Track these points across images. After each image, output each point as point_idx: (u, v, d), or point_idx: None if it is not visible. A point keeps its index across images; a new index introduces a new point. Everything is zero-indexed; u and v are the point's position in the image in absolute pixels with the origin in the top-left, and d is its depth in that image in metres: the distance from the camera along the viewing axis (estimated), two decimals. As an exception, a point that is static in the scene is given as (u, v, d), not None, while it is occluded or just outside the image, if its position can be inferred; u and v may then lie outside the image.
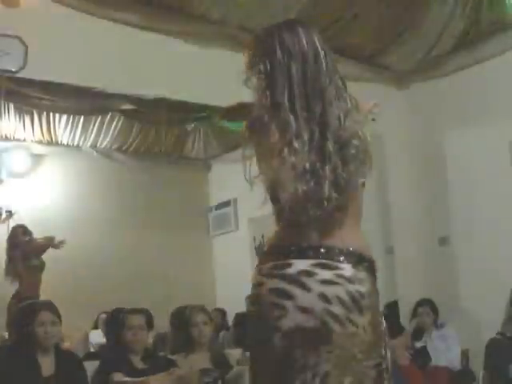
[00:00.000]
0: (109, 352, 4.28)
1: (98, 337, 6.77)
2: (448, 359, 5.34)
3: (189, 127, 7.57)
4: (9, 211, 7.54)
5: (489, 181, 5.90)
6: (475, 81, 5.98)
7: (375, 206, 6.14)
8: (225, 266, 8.60)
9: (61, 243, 6.71)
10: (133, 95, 5.50)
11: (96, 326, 7.24)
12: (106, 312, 5.99)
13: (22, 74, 4.67)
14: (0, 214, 7.54)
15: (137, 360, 3.91)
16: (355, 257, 1.78)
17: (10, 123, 7.03)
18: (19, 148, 7.71)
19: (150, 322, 4.48)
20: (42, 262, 6.76)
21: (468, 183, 6.09)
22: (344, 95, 1.84)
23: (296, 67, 1.81)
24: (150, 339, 5.32)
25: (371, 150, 1.82)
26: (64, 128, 7.43)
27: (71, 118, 7.22)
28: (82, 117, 7.17)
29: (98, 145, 8.02)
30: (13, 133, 7.41)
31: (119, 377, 3.67)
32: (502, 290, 5.05)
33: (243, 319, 6.07)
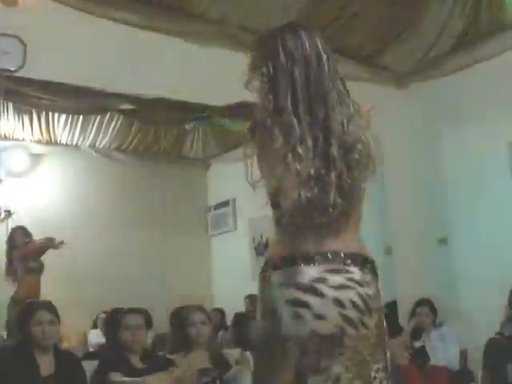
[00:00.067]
0: (108, 352, 4.27)
1: (97, 336, 6.77)
2: (447, 359, 5.34)
3: (188, 127, 7.57)
4: (8, 211, 7.54)
5: (488, 181, 5.90)
6: (474, 81, 5.98)
7: (374, 206, 6.13)
8: (223, 266, 8.60)
9: (60, 244, 6.71)
10: (132, 95, 5.49)
11: (95, 326, 7.24)
12: (105, 312, 6.00)
13: (21, 74, 4.66)
14: (-1, 214, 7.56)
15: (135, 360, 3.90)
16: (360, 259, 1.79)
17: (9, 123, 7.03)
18: (18, 147, 7.71)
19: (149, 322, 4.48)
20: (41, 264, 6.74)
21: (467, 183, 6.08)
22: (346, 100, 1.83)
23: (299, 71, 1.79)
24: (149, 339, 5.32)
25: (374, 155, 1.82)
26: (63, 127, 7.43)
27: (70, 118, 7.22)
28: (81, 116, 7.17)
29: (97, 144, 8.02)
30: (12, 132, 7.41)
31: (118, 376, 3.67)
32: (501, 291, 5.05)
33: (242, 319, 6.07)
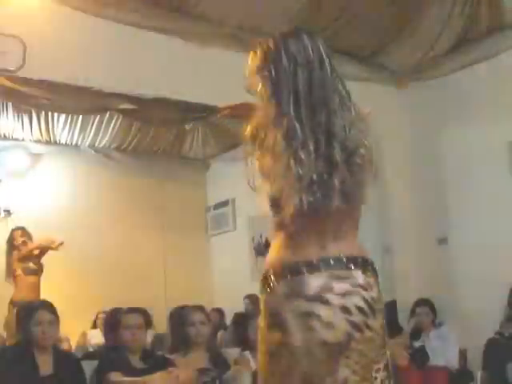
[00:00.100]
0: (107, 351, 4.27)
1: (97, 336, 6.76)
2: (446, 359, 5.34)
3: (187, 127, 7.56)
4: (7, 210, 7.54)
5: (487, 181, 5.89)
6: (474, 81, 5.98)
7: (373, 206, 6.13)
8: (223, 266, 8.59)
9: (59, 245, 6.70)
10: (131, 94, 5.49)
11: (95, 326, 7.24)
12: (105, 312, 5.99)
13: (21, 74, 4.66)
14: (-2, 214, 7.56)
15: (135, 359, 3.91)
16: (361, 262, 1.79)
17: (9, 122, 7.03)
18: (17, 147, 7.70)
19: (148, 322, 4.48)
20: (41, 266, 6.74)
21: (467, 183, 6.08)
22: (348, 104, 1.83)
23: (302, 75, 1.79)
24: (149, 338, 5.32)
25: (376, 160, 1.82)
26: (62, 127, 7.42)
27: (70, 118, 7.21)
28: (81, 116, 7.16)
29: (97, 144, 8.02)
30: (11, 132, 7.40)
31: (117, 376, 3.67)
32: (501, 290, 5.06)
33: (241, 319, 6.07)
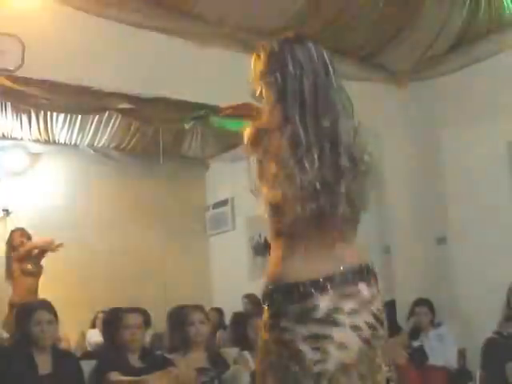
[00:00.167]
0: (106, 351, 4.27)
1: (96, 336, 6.75)
2: (445, 359, 5.35)
3: (187, 126, 7.56)
4: (6, 210, 7.54)
5: (487, 180, 5.90)
6: (473, 80, 5.98)
7: (373, 206, 6.13)
8: (222, 265, 8.59)
9: (58, 246, 6.69)
10: (131, 94, 5.49)
11: (93, 325, 7.23)
12: (104, 311, 5.99)
13: (20, 73, 4.65)
14: (-3, 213, 7.55)
15: (134, 359, 3.91)
16: (364, 271, 1.80)
17: (8, 122, 7.02)
18: (16, 147, 7.69)
19: (147, 321, 4.49)
20: (40, 267, 6.72)
21: (466, 183, 6.08)
22: (350, 112, 1.84)
23: (307, 82, 1.79)
24: (147, 338, 5.32)
25: (378, 167, 1.84)
26: (61, 127, 7.41)
27: (69, 117, 7.20)
28: (80, 115, 7.15)
29: (96, 144, 8.01)
30: (10, 131, 7.39)
31: (116, 376, 3.67)
32: (499, 290, 5.05)
33: (240, 318, 6.07)
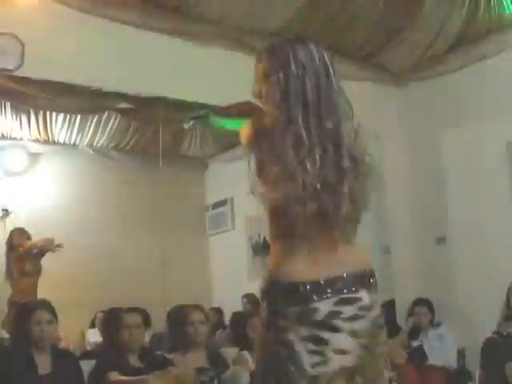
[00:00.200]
0: (105, 351, 4.27)
1: (95, 336, 6.75)
2: (444, 358, 5.35)
3: (186, 126, 7.56)
4: (5, 210, 7.54)
5: (486, 180, 5.90)
6: (473, 80, 5.98)
7: (372, 206, 6.13)
8: (221, 265, 8.60)
9: (58, 247, 6.69)
10: (130, 94, 5.49)
11: (93, 325, 7.23)
12: (103, 311, 5.99)
13: (19, 73, 4.65)
14: (-3, 213, 7.55)
15: (133, 359, 3.91)
16: (366, 277, 1.81)
17: (7, 122, 7.03)
18: (16, 147, 7.70)
19: (147, 321, 4.49)
20: (39, 267, 6.72)
21: (465, 183, 6.08)
22: (349, 115, 1.85)
23: (310, 82, 1.79)
24: (147, 338, 5.32)
25: (378, 168, 1.86)
26: (61, 127, 7.41)
27: (68, 117, 7.21)
28: (79, 115, 7.15)
29: (95, 143, 8.01)
30: (9, 131, 7.40)
31: (116, 376, 3.67)
32: (499, 290, 5.06)
33: (240, 318, 6.06)
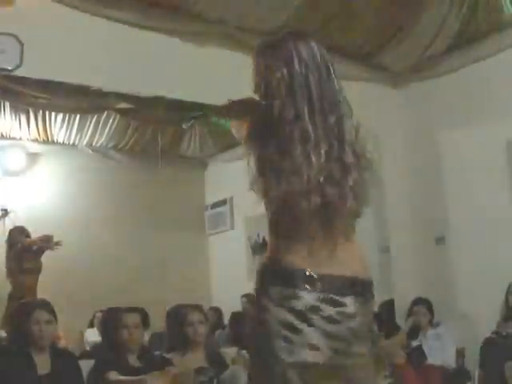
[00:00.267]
0: (104, 351, 4.27)
1: (94, 335, 6.76)
2: (443, 358, 5.34)
3: (185, 126, 7.56)
4: (4, 210, 7.54)
5: (486, 180, 5.90)
6: (472, 80, 5.98)
7: (371, 205, 6.13)
8: (220, 265, 8.60)
9: (57, 245, 6.69)
10: (129, 94, 5.49)
11: (92, 325, 7.23)
12: (102, 311, 5.99)
13: (18, 73, 4.65)
14: (-4, 213, 7.55)
15: (132, 358, 3.91)
16: (358, 286, 1.80)
17: (6, 122, 7.03)
18: (15, 146, 7.70)
19: (146, 321, 4.48)
20: (39, 264, 6.72)
21: (465, 183, 6.08)
22: (350, 113, 1.87)
23: (313, 78, 1.80)
24: (146, 337, 5.32)
25: (377, 164, 1.87)
26: (60, 126, 7.42)
27: (67, 117, 7.21)
28: (78, 115, 7.16)
29: (94, 143, 8.01)
30: (8, 131, 7.40)
31: (115, 375, 3.67)
32: (498, 290, 5.06)
33: (239, 318, 6.07)
